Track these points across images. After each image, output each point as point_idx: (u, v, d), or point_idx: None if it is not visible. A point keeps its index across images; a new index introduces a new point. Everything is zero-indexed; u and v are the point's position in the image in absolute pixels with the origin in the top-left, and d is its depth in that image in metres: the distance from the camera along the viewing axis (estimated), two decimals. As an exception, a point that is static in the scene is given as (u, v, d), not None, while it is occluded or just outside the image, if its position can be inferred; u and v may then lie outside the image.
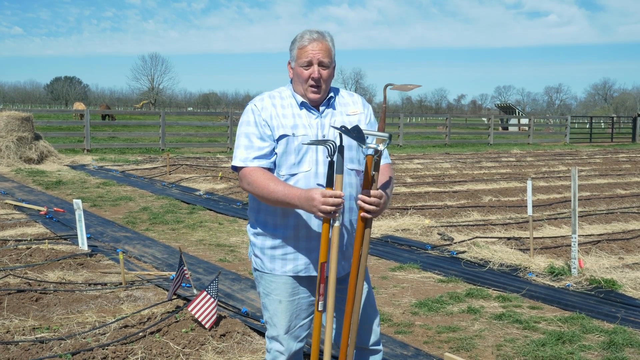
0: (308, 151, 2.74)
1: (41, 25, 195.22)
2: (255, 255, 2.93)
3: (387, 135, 2.64)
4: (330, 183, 2.58)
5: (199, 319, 4.53)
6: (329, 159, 2.58)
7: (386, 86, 2.80)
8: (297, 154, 2.75)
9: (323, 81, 2.78)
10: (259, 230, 2.88)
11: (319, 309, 2.69)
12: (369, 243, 2.72)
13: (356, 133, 2.58)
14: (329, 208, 2.53)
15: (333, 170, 2.57)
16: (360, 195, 2.63)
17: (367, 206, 2.61)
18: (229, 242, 7.99)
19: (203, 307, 4.53)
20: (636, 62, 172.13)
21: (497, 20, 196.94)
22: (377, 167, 2.63)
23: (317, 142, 2.66)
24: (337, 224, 2.60)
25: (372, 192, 2.61)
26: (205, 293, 4.56)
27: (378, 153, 2.62)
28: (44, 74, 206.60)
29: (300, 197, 2.59)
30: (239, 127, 2.84)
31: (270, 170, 2.79)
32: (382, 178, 2.76)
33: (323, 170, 2.74)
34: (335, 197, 2.53)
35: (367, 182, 2.64)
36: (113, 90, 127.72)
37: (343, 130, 2.60)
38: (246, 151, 2.77)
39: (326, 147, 2.60)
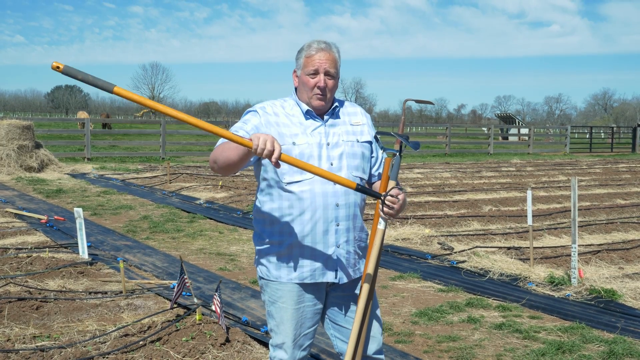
0: (310, 159, 2.77)
1: (43, 34, 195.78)
2: (261, 264, 2.93)
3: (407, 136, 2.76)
4: None
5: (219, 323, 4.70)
6: None
7: (405, 101, 2.89)
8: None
9: (328, 90, 2.82)
10: (263, 238, 2.89)
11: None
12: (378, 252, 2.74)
13: (407, 140, 2.69)
14: (268, 148, 2.39)
15: None
16: (388, 197, 2.65)
17: (389, 203, 2.63)
18: (229, 251, 8.00)
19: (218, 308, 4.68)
20: (636, 72, 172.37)
21: (500, 30, 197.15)
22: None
23: None
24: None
25: (393, 192, 2.63)
26: (216, 297, 4.67)
27: (395, 156, 2.68)
28: (45, 82, 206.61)
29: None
30: (239, 121, 2.86)
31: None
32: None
33: None
34: (274, 148, 2.41)
35: (385, 184, 2.69)
36: (114, 99, 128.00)
37: (398, 135, 2.70)
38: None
39: None
